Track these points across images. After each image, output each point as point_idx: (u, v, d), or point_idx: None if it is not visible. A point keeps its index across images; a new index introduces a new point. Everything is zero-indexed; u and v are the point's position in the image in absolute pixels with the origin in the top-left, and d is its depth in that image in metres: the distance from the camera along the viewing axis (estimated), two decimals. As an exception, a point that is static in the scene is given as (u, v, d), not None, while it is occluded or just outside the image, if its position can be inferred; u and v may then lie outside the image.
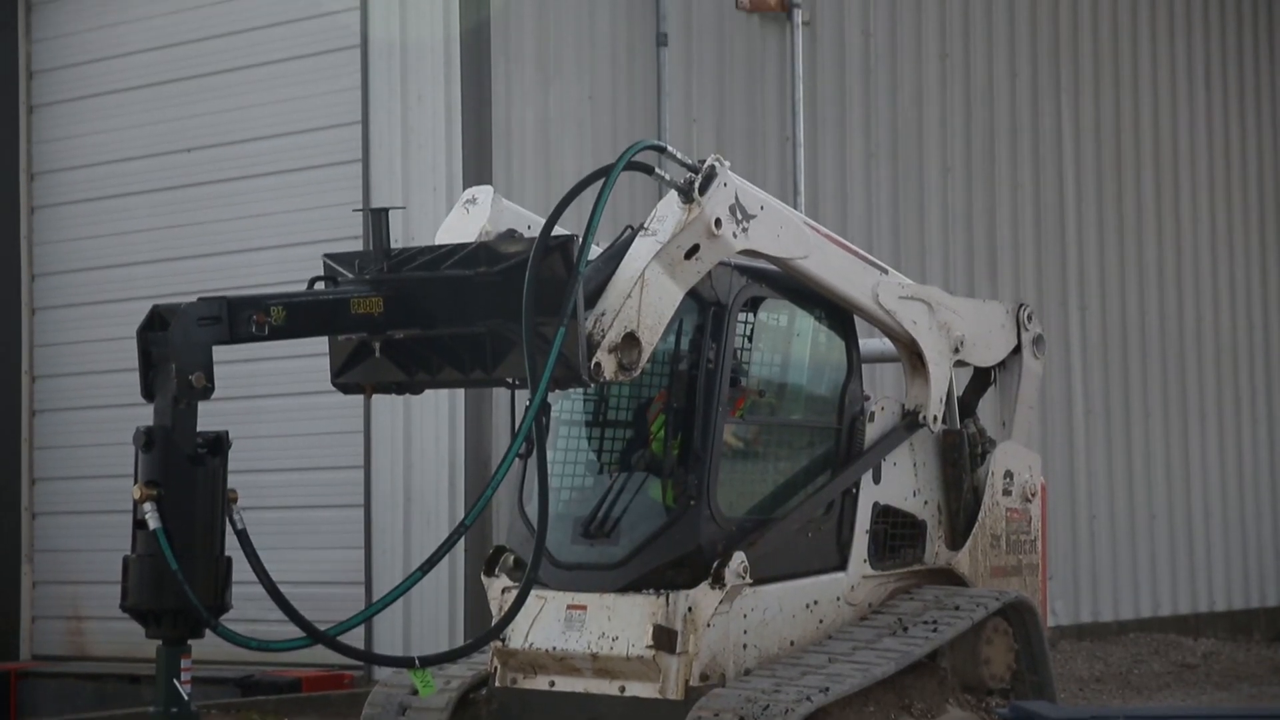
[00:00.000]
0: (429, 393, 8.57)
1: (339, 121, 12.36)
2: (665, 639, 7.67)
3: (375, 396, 8.17)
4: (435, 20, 11.71)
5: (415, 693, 7.62)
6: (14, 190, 14.00)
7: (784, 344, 8.46)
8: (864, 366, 8.57)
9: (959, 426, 8.88)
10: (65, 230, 13.90)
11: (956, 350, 8.73)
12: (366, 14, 12.03)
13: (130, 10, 13.57)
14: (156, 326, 6.76)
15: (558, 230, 7.26)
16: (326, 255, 7.70)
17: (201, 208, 13.10)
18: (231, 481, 6.80)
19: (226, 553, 6.75)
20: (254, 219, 12.83)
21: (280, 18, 12.74)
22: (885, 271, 8.50)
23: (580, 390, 7.91)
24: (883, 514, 8.48)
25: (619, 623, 7.78)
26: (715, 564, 7.75)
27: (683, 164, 7.64)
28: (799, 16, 13.14)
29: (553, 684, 7.98)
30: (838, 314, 8.45)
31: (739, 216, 7.67)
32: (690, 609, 7.68)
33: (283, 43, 12.71)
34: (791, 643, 8.02)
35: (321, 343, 7.68)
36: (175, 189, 13.27)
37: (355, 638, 8.34)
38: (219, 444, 6.73)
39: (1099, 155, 15.47)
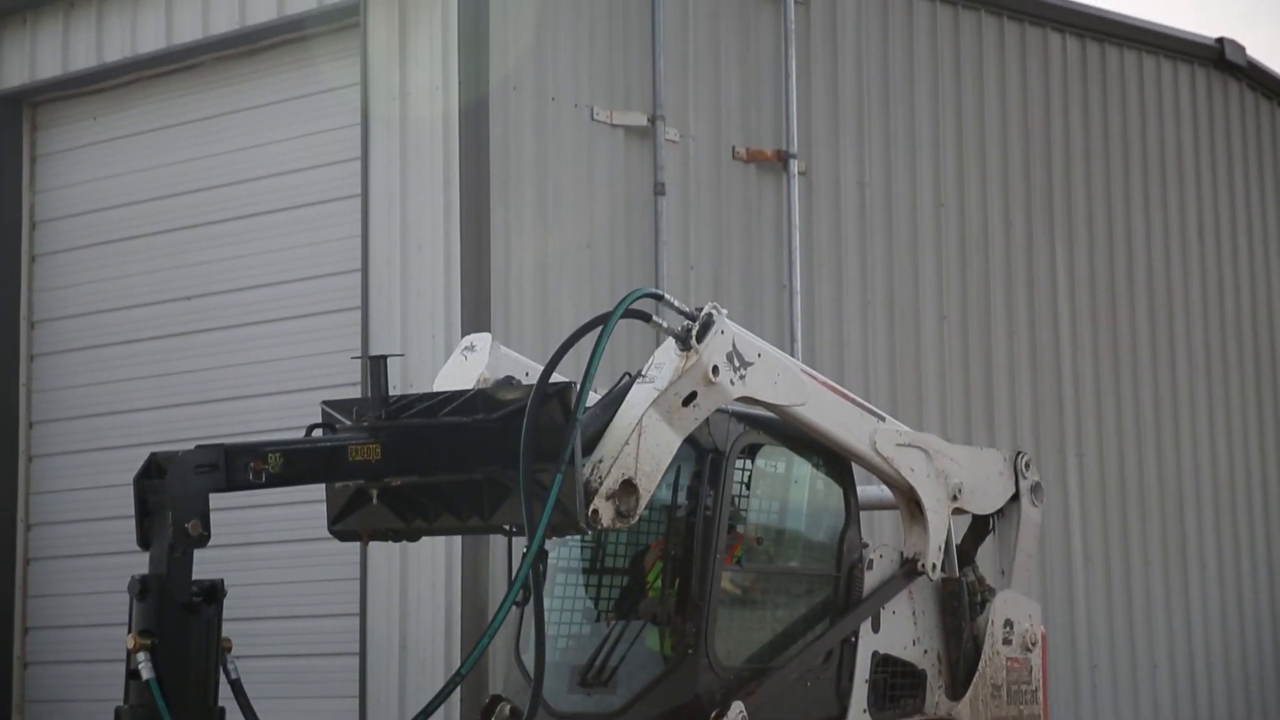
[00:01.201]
0: (425, 539, 8.54)
1: (339, 270, 12.44)
2: (663, 789, 7.58)
3: (371, 543, 8.14)
4: (435, 170, 11.82)
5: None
6: (14, 337, 14.05)
7: (782, 491, 8.45)
8: (862, 513, 8.56)
9: (958, 575, 8.85)
10: (64, 377, 13.93)
11: (955, 498, 8.72)
12: (367, 164, 12.15)
13: (134, 161, 13.71)
14: (154, 474, 6.75)
15: (556, 377, 7.28)
16: (325, 402, 7.71)
17: (201, 355, 13.14)
18: (226, 630, 6.76)
19: (220, 703, 6.69)
20: (253, 366, 12.86)
21: (282, 168, 12.87)
22: (882, 419, 8.52)
23: (578, 537, 7.88)
24: (882, 663, 8.42)
25: (617, 773, 7.68)
26: (714, 714, 7.67)
27: (680, 311, 7.68)
28: (795, 166, 13.28)
29: (550, 834, 7.87)
30: (835, 461, 8.45)
31: (736, 364, 7.69)
32: (689, 759, 7.60)
33: (284, 192, 12.83)
34: (791, 793, 7.93)
35: (318, 489, 7.68)
36: (175, 336, 13.32)
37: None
38: (214, 592, 6.70)
39: (1094, 303, 15.56)
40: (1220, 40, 16.99)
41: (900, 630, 8.48)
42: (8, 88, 14.14)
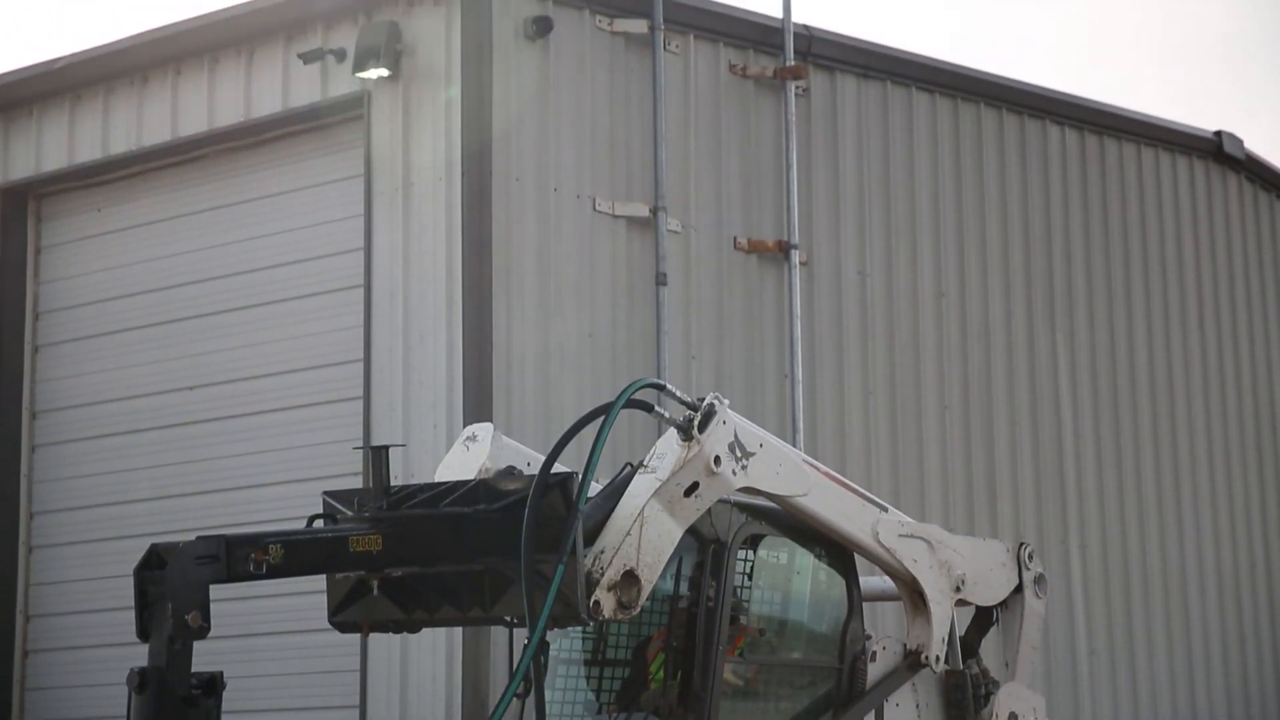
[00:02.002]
0: (426, 630, 8.50)
1: (341, 360, 12.46)
2: None
3: (371, 634, 8.10)
4: (438, 260, 11.86)
5: None
6: (16, 428, 14.05)
7: (784, 582, 8.41)
8: (864, 605, 8.51)
9: (961, 667, 8.79)
10: (65, 468, 13.92)
11: (958, 589, 8.67)
12: (370, 254, 12.20)
13: (137, 252, 13.76)
14: (154, 565, 6.72)
15: (557, 467, 7.26)
16: (326, 493, 7.69)
17: (203, 445, 13.14)
18: (226, 722, 6.71)
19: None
20: (255, 455, 12.85)
21: (285, 259, 12.92)
22: (885, 509, 8.49)
23: (579, 628, 7.84)
24: (886, 755, 8.34)
25: None
26: (716, 806, 7.60)
27: (682, 402, 7.67)
28: (796, 256, 13.32)
29: None
30: (838, 552, 8.42)
31: (738, 454, 7.68)
32: None
33: (287, 283, 12.87)
34: None
35: (318, 580, 7.64)
36: (177, 426, 13.32)
37: None
38: (213, 685, 6.65)
39: (1095, 393, 15.56)
40: (1218, 133, 17.09)
41: (904, 723, 8.41)
42: (13, 180, 14.22)
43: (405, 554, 7.35)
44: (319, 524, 7.50)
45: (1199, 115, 23.92)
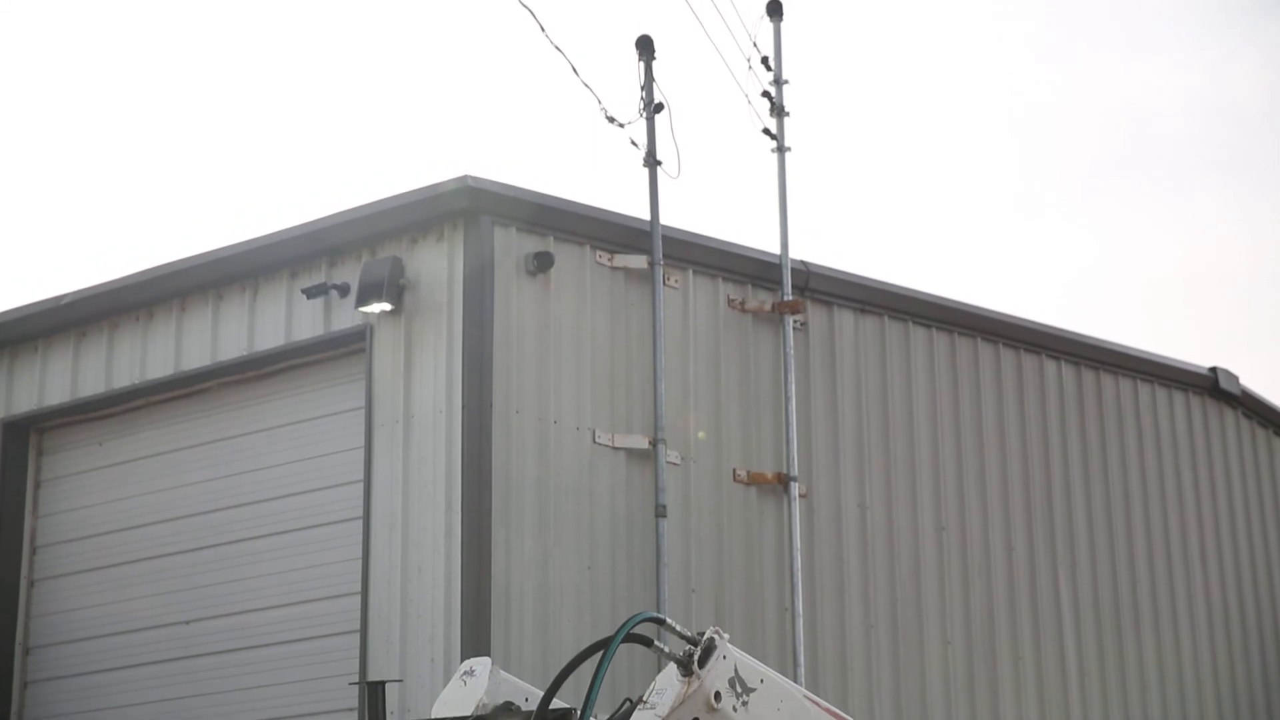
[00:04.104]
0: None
1: (340, 592, 12.39)
2: None
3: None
4: (437, 491, 11.87)
5: None
6: (9, 665, 13.92)
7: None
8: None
9: None
10: (58, 705, 13.75)
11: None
12: (370, 486, 12.21)
13: (136, 485, 13.77)
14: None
15: (556, 703, 7.19)
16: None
17: (201, 680, 13.01)
18: None
19: None
20: (252, 691, 12.71)
21: (285, 491, 12.92)
22: (888, 745, 8.39)
23: None
24: None
25: None
26: None
27: (682, 636, 7.62)
28: (796, 489, 13.32)
29: None
30: (840, 789, 8.28)
31: (739, 690, 7.60)
32: None
33: (286, 515, 12.86)
34: None
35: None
36: (173, 660, 13.20)
37: None
38: None
39: (1099, 627, 15.45)
40: (1213, 369, 17.24)
41: None
42: (16, 414, 14.29)
43: (401, 791, 7.25)
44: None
45: (1193, 345, 24.18)
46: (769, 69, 14.05)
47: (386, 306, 12.23)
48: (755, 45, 13.92)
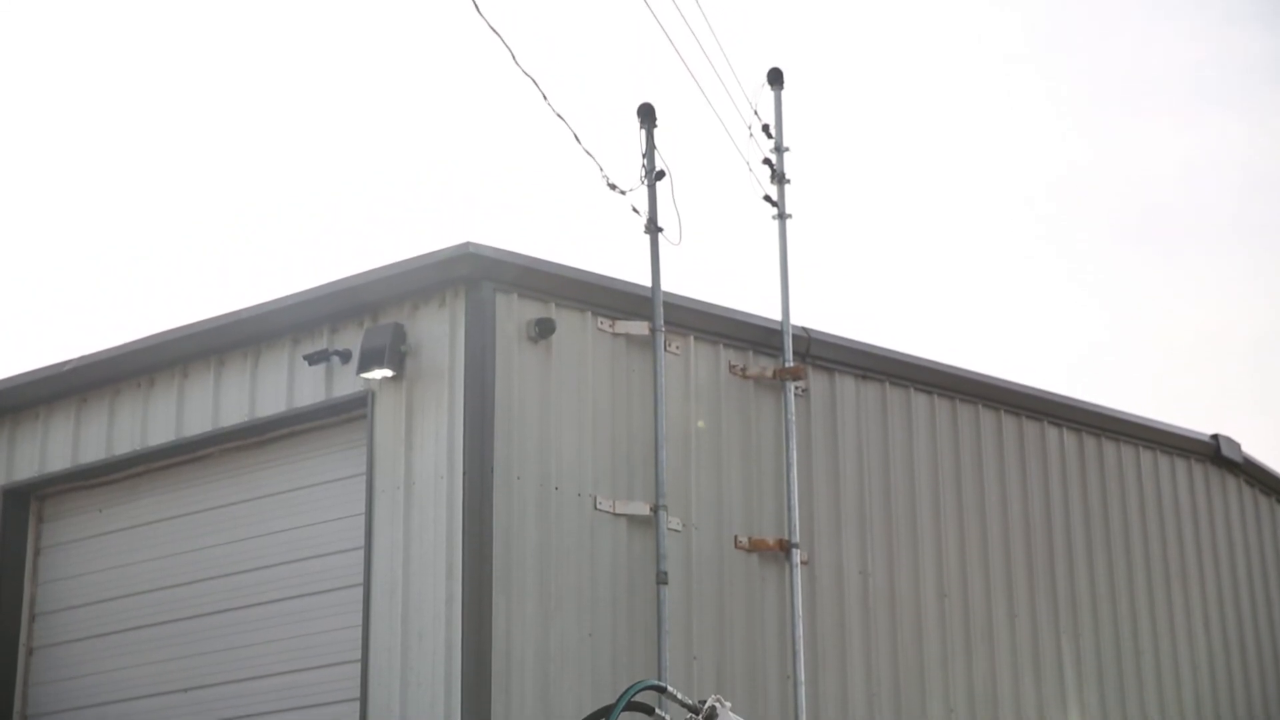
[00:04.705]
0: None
1: (340, 660, 12.34)
2: None
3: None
4: (438, 558, 11.84)
5: None
6: (6, 734, 13.87)
7: None
8: None
9: None
10: (56, 772, 13.70)
11: None
12: (370, 553, 12.18)
13: (137, 552, 13.74)
14: None
15: (557, 768, 7.17)
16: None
17: (197, 748, 12.95)
18: None
19: None
20: (249, 759, 12.66)
21: (286, 558, 12.89)
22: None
23: None
24: None
25: None
26: None
27: (683, 704, 7.61)
28: (797, 556, 13.29)
29: None
30: None
31: (740, 755, 7.58)
32: None
33: (287, 582, 12.82)
34: None
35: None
36: (171, 729, 13.14)
37: None
38: None
39: (1102, 694, 15.38)
40: (1215, 437, 17.23)
41: None
42: (16, 481, 14.27)
43: None
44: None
45: (1195, 411, 24.17)
46: (770, 136, 14.12)
47: (388, 373, 12.25)
48: (756, 113, 14.00)
